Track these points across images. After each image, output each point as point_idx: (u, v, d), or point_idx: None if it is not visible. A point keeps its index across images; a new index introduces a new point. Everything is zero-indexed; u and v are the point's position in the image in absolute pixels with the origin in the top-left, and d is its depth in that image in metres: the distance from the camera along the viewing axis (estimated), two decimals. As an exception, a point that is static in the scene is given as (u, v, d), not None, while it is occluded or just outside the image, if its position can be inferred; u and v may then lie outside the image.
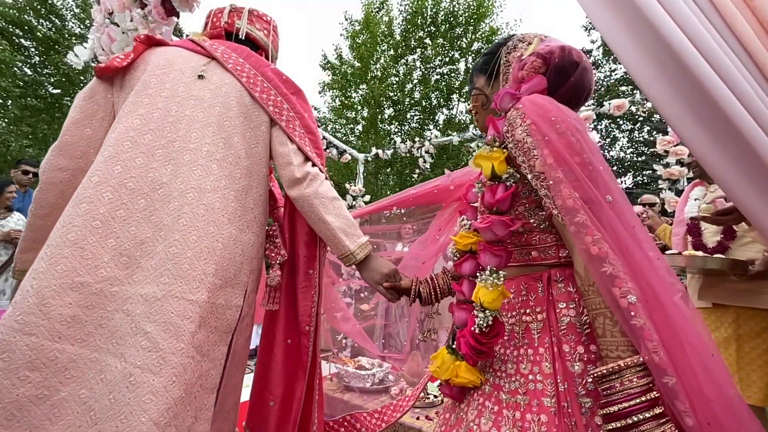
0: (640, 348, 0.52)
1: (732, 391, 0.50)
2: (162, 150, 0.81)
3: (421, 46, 12.93)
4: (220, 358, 0.81)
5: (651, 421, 0.49)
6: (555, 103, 0.68)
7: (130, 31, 1.29)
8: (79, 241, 0.70)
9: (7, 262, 2.66)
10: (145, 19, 1.30)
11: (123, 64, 0.89)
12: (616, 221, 0.58)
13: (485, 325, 0.69)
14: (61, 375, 0.66)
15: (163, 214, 0.77)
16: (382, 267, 0.95)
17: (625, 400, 0.51)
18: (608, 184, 0.61)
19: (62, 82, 9.87)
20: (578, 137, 0.62)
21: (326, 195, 0.93)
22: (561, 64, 0.73)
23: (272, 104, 0.95)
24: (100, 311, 0.70)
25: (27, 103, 9.43)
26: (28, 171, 3.07)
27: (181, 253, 0.75)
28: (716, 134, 0.55)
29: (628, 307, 0.53)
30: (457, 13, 12.44)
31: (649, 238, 0.60)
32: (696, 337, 0.52)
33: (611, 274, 0.55)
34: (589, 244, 0.57)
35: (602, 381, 0.55)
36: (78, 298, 0.68)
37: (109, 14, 1.34)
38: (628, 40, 0.61)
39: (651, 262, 0.56)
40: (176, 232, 0.76)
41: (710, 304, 1.55)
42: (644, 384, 0.51)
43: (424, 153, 3.93)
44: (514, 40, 0.83)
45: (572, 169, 0.60)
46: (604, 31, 0.64)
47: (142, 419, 0.62)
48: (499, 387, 0.71)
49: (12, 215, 2.78)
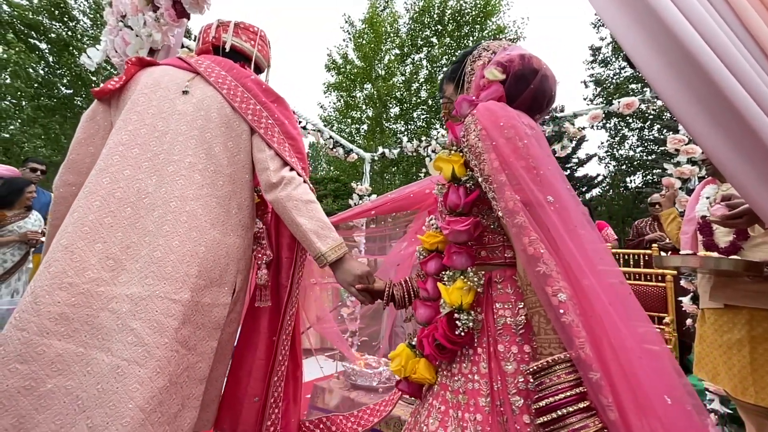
0: (569, 344, 0.54)
1: (667, 393, 0.51)
2: (148, 162, 0.87)
3: (427, 45, 12.89)
4: (209, 352, 0.87)
5: (578, 414, 0.51)
6: (507, 109, 0.70)
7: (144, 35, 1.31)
8: (69, 245, 0.77)
9: (20, 261, 2.72)
10: (157, 21, 1.31)
11: (117, 86, 0.96)
12: (556, 222, 0.60)
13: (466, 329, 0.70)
14: (47, 368, 0.71)
15: (148, 221, 0.83)
16: (354, 269, 0.95)
17: (554, 394, 0.54)
18: (553, 186, 0.64)
19: (75, 82, 10.05)
20: (525, 142, 0.65)
21: (300, 198, 0.96)
22: (520, 71, 0.75)
23: (251, 113, 1.00)
24: (86, 309, 0.75)
25: (39, 104, 9.62)
26: (36, 168, 3.14)
27: (164, 257, 0.81)
28: (729, 132, 0.55)
29: (558, 305, 0.55)
30: (464, 11, 12.37)
31: (593, 239, 0.62)
32: (622, 337, 0.53)
33: (544, 273, 0.57)
34: (526, 244, 0.59)
35: (535, 376, 0.57)
36: (66, 297, 0.74)
37: (122, 17, 1.36)
38: (638, 37, 0.61)
39: (588, 262, 0.58)
40: (160, 238, 0.82)
41: (722, 304, 1.52)
42: (573, 379, 0.54)
43: (431, 152, 3.93)
44: (479, 49, 0.85)
45: (515, 172, 0.63)
46: (614, 28, 0.64)
47: (129, 405, 0.68)
48: (446, 386, 0.73)
49: (31, 215, 2.83)
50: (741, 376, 1.42)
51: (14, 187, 2.75)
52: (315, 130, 3.72)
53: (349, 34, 12.99)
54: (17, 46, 8.76)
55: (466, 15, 12.35)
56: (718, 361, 1.50)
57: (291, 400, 1.11)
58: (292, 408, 1.11)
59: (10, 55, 8.76)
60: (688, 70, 0.56)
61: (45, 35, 9.49)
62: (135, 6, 1.31)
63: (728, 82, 0.53)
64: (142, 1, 1.30)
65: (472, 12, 12.33)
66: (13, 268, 2.68)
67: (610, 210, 15.39)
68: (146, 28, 1.30)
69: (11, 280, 2.68)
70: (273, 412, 1.04)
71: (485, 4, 12.18)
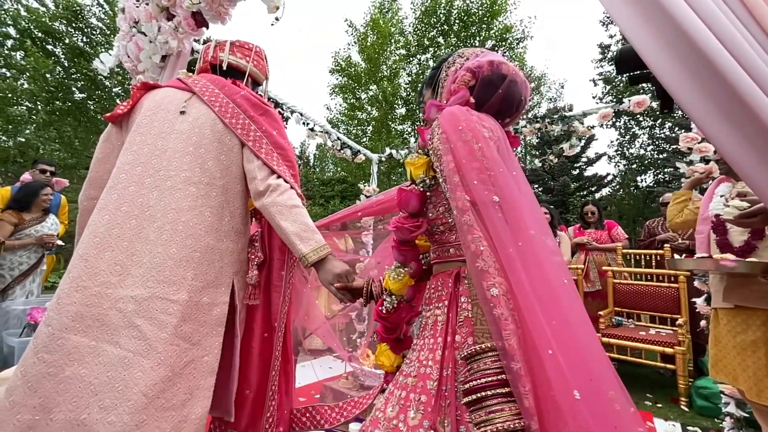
0: (496, 336, 0.59)
1: (575, 391, 0.54)
2: (150, 179, 0.98)
3: (434, 45, 12.87)
4: (215, 346, 0.96)
5: (498, 397, 0.56)
6: (468, 113, 0.74)
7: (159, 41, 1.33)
8: (84, 254, 0.90)
9: (35, 264, 2.78)
10: (175, 30, 1.34)
11: (125, 111, 1.09)
12: (496, 222, 0.64)
13: (391, 308, 0.83)
14: (66, 358, 0.82)
15: (150, 231, 0.94)
16: (334, 268, 1.01)
17: (478, 378, 0.59)
18: (503, 187, 0.66)
19: (88, 86, 10.27)
20: (480, 145, 0.69)
21: (285, 204, 1.03)
22: (489, 77, 0.79)
23: (241, 127, 1.09)
24: (98, 309, 0.86)
25: (54, 108, 9.84)
26: (45, 170, 3.19)
27: (163, 263, 0.91)
28: (743, 130, 0.54)
29: (490, 299, 0.59)
30: (471, 11, 12.31)
31: (543, 240, 0.65)
32: (541, 333, 0.57)
33: (482, 269, 0.61)
34: (470, 242, 0.64)
35: (467, 361, 0.63)
36: (81, 298, 0.86)
37: (135, 23, 1.38)
38: (648, 35, 0.60)
39: (530, 261, 0.62)
40: (159, 246, 0.92)
41: (732, 305, 1.50)
42: (497, 367, 0.58)
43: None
44: (455, 56, 0.89)
45: (467, 174, 0.67)
46: (623, 25, 0.63)
47: (134, 390, 0.80)
48: (401, 372, 0.80)
49: (48, 219, 2.87)
50: (756, 378, 1.39)
51: (29, 190, 2.80)
52: (323, 132, 3.74)
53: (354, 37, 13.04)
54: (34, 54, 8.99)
55: (472, 15, 12.30)
56: (735, 362, 1.47)
57: (283, 393, 1.19)
58: (285, 400, 1.20)
59: (28, 62, 9.00)
60: (699, 67, 0.55)
61: (61, 41, 9.73)
62: (149, 13, 1.33)
63: (741, 79, 0.52)
64: (157, 8, 1.32)
65: (479, 12, 12.28)
66: (28, 271, 2.73)
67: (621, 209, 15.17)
68: (162, 35, 1.32)
69: (26, 282, 2.74)
70: (271, 405, 1.13)
71: (492, 3, 12.11)
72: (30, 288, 2.78)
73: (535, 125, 3.45)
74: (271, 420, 1.12)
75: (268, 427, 1.11)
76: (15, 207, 2.75)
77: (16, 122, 9.48)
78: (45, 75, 9.27)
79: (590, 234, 3.77)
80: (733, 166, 0.56)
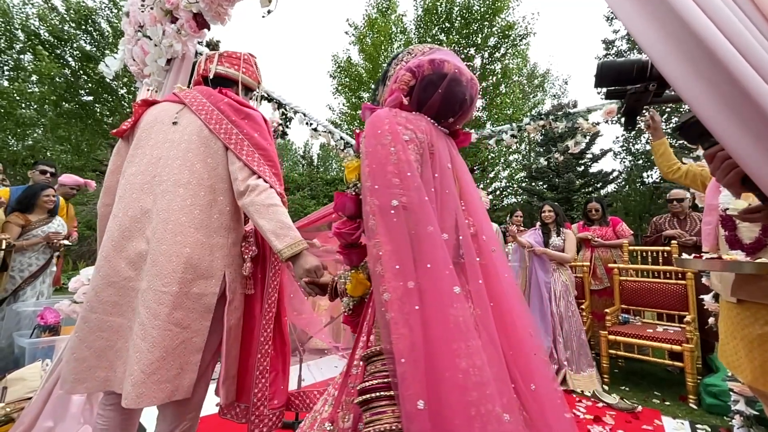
0: (385, 338, 0.59)
1: (469, 395, 0.55)
2: (147, 185, 1.12)
3: (436, 43, 12.82)
4: (203, 329, 1.09)
5: (383, 400, 0.58)
6: (394, 116, 0.73)
7: (164, 45, 1.35)
8: (107, 256, 1.08)
9: (44, 265, 2.81)
10: (178, 33, 1.36)
11: (129, 126, 1.23)
12: (403, 227, 0.64)
13: (348, 310, 0.86)
14: (115, 334, 1.05)
15: (149, 231, 1.08)
16: (305, 263, 1.07)
17: (369, 380, 0.61)
18: (411, 190, 0.66)
19: (95, 90, 10.38)
20: (396, 148, 0.68)
21: (262, 203, 1.10)
22: (429, 76, 0.77)
23: (224, 132, 1.19)
24: (126, 298, 1.06)
25: (62, 110, 9.96)
26: (45, 171, 3.21)
27: (157, 258, 1.04)
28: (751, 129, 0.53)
29: (383, 303, 0.60)
30: (472, 8, 12.24)
31: (436, 244, 0.64)
32: (426, 340, 0.58)
33: (379, 273, 0.62)
34: (372, 246, 0.64)
35: (366, 362, 0.65)
36: (114, 291, 1.06)
37: (140, 27, 1.40)
38: (654, 33, 0.60)
39: (427, 264, 0.62)
40: (154, 243, 1.05)
41: (735, 300, 1.48)
42: (386, 370, 0.60)
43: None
44: (404, 53, 0.87)
45: (378, 178, 0.67)
46: (628, 22, 0.63)
47: (135, 368, 0.97)
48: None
49: (54, 221, 2.90)
50: (763, 369, 1.38)
51: (30, 192, 2.83)
52: (326, 132, 3.75)
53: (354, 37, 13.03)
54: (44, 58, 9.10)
55: (474, 12, 12.23)
56: (742, 353, 1.46)
57: (280, 371, 1.30)
58: (281, 377, 1.30)
59: (39, 66, 9.12)
60: (706, 64, 0.55)
61: (70, 45, 9.84)
62: (153, 17, 1.34)
63: (747, 76, 0.51)
64: (161, 12, 1.34)
65: (481, 9, 12.21)
66: (38, 272, 2.77)
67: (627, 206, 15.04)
68: (166, 38, 1.34)
69: (36, 283, 2.78)
70: (260, 381, 1.24)
71: (494, 0, 12.03)
72: (40, 289, 2.82)
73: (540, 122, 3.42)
74: (260, 395, 1.23)
75: (257, 401, 1.22)
76: (19, 209, 2.78)
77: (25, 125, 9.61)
78: (54, 78, 9.38)
79: (595, 231, 3.74)
80: (738, 160, 0.55)
